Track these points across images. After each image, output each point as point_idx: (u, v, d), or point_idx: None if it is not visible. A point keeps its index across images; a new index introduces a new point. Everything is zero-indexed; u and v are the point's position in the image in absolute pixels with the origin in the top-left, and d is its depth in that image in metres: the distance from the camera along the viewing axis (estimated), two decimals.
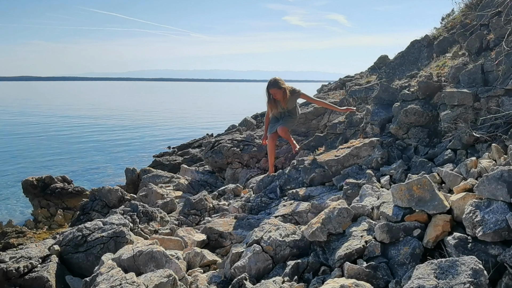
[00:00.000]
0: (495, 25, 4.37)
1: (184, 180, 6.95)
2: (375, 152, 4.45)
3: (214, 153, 7.29)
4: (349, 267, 2.54)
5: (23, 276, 3.37)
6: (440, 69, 4.92)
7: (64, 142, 18.85)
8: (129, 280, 2.70)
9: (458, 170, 3.25)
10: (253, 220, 4.10)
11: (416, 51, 6.33)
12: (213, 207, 5.12)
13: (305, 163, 4.90)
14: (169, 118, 31.28)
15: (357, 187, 3.84)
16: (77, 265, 3.67)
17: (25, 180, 8.45)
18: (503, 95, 3.63)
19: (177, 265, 3.05)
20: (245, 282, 2.75)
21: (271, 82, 5.44)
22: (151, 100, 62.56)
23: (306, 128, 7.98)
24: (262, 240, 3.13)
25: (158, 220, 4.81)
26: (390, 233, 2.67)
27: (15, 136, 20.60)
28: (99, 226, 3.93)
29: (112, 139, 19.98)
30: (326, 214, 3.06)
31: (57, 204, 8.14)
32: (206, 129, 20.91)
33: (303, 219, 3.85)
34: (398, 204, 2.81)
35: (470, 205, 2.46)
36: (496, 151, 3.12)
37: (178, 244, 3.81)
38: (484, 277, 1.98)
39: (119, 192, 6.29)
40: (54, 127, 25.00)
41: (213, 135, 13.39)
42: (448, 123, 3.98)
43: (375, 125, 4.98)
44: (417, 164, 3.92)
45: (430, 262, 2.13)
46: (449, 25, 6.08)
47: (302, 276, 2.81)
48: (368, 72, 8.67)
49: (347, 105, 6.33)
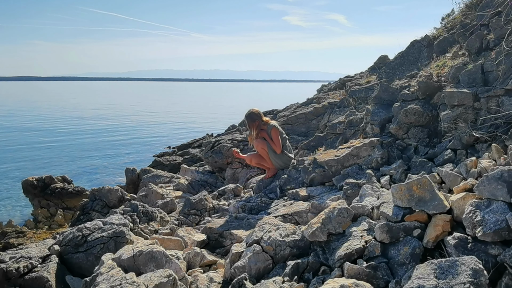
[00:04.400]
0: (495, 25, 4.37)
1: (184, 180, 6.95)
2: (375, 152, 4.45)
3: (214, 153, 7.30)
4: (349, 267, 2.54)
5: (23, 276, 3.37)
6: (440, 69, 4.92)
7: (64, 142, 18.85)
8: (129, 280, 2.70)
9: (458, 170, 3.25)
10: (253, 220, 4.10)
11: (416, 51, 6.33)
12: (213, 207, 5.12)
13: (305, 163, 4.90)
14: (169, 118, 31.29)
15: (357, 187, 3.84)
16: (77, 265, 3.67)
17: (25, 180, 8.45)
18: (503, 95, 3.62)
19: (177, 265, 3.05)
20: (245, 282, 2.75)
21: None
22: (151, 100, 62.56)
23: (306, 128, 7.99)
24: (262, 240, 3.13)
25: (158, 220, 4.82)
26: (390, 233, 2.66)
27: (15, 136, 20.60)
28: (99, 226, 3.93)
29: (112, 139, 19.98)
30: (326, 214, 3.06)
31: (57, 204, 8.14)
32: (206, 129, 20.92)
33: (303, 219, 3.86)
34: (398, 204, 2.80)
35: (470, 205, 2.46)
36: (496, 151, 3.12)
37: (178, 244, 3.81)
38: (484, 277, 1.98)
39: (119, 192, 6.29)
40: (54, 127, 25.00)
41: (213, 135, 13.39)
42: (448, 123, 3.98)
43: (375, 125, 4.98)
44: (417, 164, 3.92)
45: (430, 262, 2.13)
46: (449, 25, 6.08)
47: (302, 276, 2.81)
48: (368, 72, 8.67)
49: (347, 105, 6.33)
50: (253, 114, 5.39)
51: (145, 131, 23.46)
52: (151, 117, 32.51)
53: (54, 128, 24.48)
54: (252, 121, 5.39)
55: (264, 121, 5.42)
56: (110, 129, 24.29)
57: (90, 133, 22.14)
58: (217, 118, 30.66)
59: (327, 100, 8.47)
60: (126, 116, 32.63)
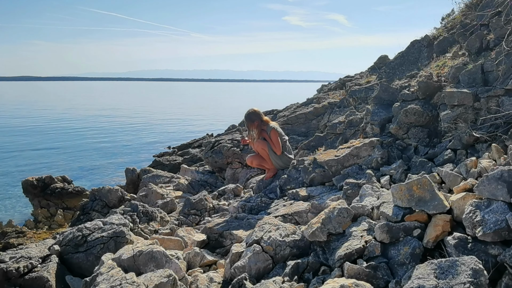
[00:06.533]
0: (495, 25, 4.37)
1: (184, 180, 6.95)
2: (375, 152, 4.45)
3: (214, 153, 7.29)
4: (349, 267, 2.54)
5: (23, 276, 3.37)
6: (440, 69, 4.92)
7: (64, 142, 18.85)
8: (129, 280, 2.70)
9: (458, 170, 3.25)
10: (253, 220, 4.10)
11: (416, 51, 6.33)
12: (213, 207, 5.12)
13: (305, 163, 4.90)
14: (169, 118, 31.28)
15: (357, 187, 3.84)
16: (77, 265, 3.67)
17: (25, 180, 8.45)
18: (503, 95, 3.62)
19: (177, 265, 3.05)
20: (245, 282, 2.75)
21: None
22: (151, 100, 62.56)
23: (306, 128, 7.99)
24: (262, 240, 3.13)
25: (158, 220, 4.82)
26: (390, 233, 2.66)
27: (15, 136, 20.60)
28: (99, 226, 3.93)
29: (112, 139, 19.99)
30: (326, 214, 3.06)
31: (57, 204, 8.14)
32: (206, 129, 20.92)
33: (303, 219, 3.85)
34: (398, 204, 2.80)
35: (470, 205, 2.46)
36: (496, 151, 3.12)
37: (178, 244, 3.81)
38: (484, 277, 1.98)
39: (119, 192, 6.29)
40: (54, 126, 25.00)
41: (213, 135, 13.39)
42: (448, 123, 3.98)
43: (375, 125, 4.97)
44: (417, 164, 3.92)
45: (430, 262, 2.13)
46: (449, 25, 6.08)
47: (302, 276, 2.81)
48: (368, 72, 8.68)
49: (347, 105, 6.33)
50: (251, 114, 5.36)
51: (145, 131, 23.47)
52: (151, 117, 32.52)
53: (54, 128, 24.49)
54: (251, 121, 5.37)
55: (264, 121, 5.39)
56: (110, 129, 24.30)
57: (90, 133, 22.14)
58: (217, 118, 30.67)
59: (327, 100, 8.47)
60: (126, 116, 32.64)
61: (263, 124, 5.38)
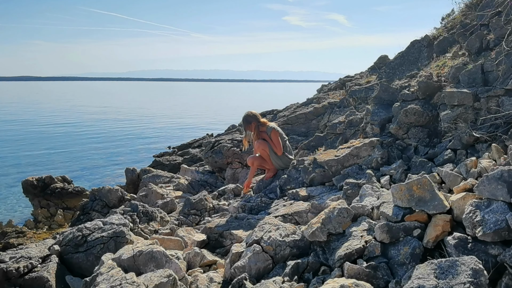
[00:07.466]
0: (495, 25, 4.37)
1: (184, 180, 6.95)
2: (375, 152, 4.45)
3: (214, 153, 7.29)
4: (349, 267, 2.54)
5: (23, 276, 3.37)
6: (440, 69, 4.92)
7: (64, 142, 18.85)
8: (129, 280, 2.70)
9: (458, 170, 3.25)
10: (253, 220, 4.10)
11: (416, 51, 6.33)
12: (213, 207, 5.12)
13: (305, 163, 4.90)
14: (169, 118, 31.29)
15: (357, 187, 3.84)
16: (77, 265, 3.67)
17: (25, 180, 8.45)
18: (503, 95, 3.62)
19: (177, 265, 3.05)
20: (245, 282, 2.75)
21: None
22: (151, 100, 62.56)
23: (306, 128, 7.99)
24: (262, 240, 3.13)
25: (158, 220, 4.82)
26: (390, 233, 2.66)
27: (15, 136, 20.60)
28: (99, 226, 3.93)
29: (112, 139, 19.99)
30: (326, 214, 3.06)
31: (57, 204, 8.14)
32: (206, 129, 20.92)
33: (303, 219, 3.85)
34: (398, 204, 2.80)
35: (470, 205, 2.46)
36: (496, 151, 3.12)
37: (178, 244, 3.81)
38: (484, 277, 1.98)
39: (119, 192, 6.29)
40: (54, 126, 25.00)
41: (213, 135, 13.39)
42: (448, 123, 3.98)
43: (375, 125, 4.97)
44: (417, 164, 3.92)
45: (430, 262, 2.13)
46: (449, 25, 6.08)
47: (302, 276, 2.81)
48: (368, 72, 8.67)
49: (347, 105, 6.33)
50: (247, 117, 5.39)
51: (145, 131, 23.47)
52: (151, 117, 32.52)
53: (54, 128, 24.48)
54: (247, 123, 5.39)
55: (261, 122, 5.40)
56: (110, 129, 24.30)
57: (90, 133, 22.14)
58: (217, 118, 30.67)
59: (327, 100, 8.47)
60: (126, 116, 32.64)
61: (261, 125, 5.39)
